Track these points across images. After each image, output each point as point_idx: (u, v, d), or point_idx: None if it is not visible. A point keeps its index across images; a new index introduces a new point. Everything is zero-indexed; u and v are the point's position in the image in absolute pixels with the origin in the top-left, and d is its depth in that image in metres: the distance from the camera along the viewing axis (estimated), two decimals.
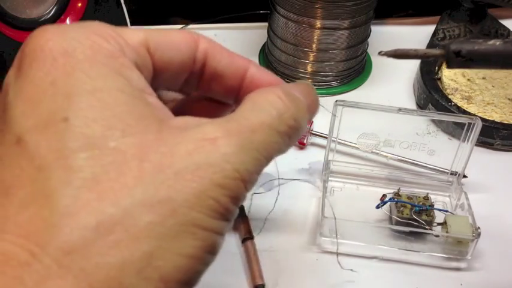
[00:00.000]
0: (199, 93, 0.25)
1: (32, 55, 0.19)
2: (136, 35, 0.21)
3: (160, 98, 0.21)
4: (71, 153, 0.17)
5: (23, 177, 0.17)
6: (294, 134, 0.22)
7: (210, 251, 0.19)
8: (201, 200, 0.18)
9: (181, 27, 0.59)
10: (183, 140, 0.18)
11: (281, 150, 0.22)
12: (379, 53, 0.29)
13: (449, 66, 0.26)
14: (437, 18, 0.55)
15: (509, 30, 0.55)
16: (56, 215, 0.16)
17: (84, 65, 0.18)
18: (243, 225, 0.36)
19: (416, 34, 0.58)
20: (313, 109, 0.24)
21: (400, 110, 0.37)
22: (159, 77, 0.23)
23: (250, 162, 0.19)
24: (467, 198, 0.36)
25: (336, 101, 0.37)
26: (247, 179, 0.19)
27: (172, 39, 0.23)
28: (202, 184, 0.18)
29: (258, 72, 0.25)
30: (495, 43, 0.25)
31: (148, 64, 0.22)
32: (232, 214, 0.19)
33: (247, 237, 0.35)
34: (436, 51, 0.27)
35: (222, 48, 0.25)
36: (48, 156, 0.17)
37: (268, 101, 0.21)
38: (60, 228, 0.16)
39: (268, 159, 0.21)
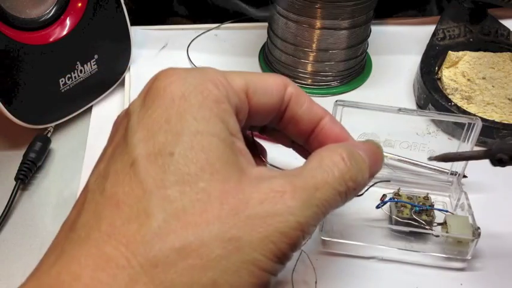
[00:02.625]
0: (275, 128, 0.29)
1: (155, 93, 0.22)
2: (239, 80, 0.25)
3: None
4: (170, 185, 0.20)
5: (131, 195, 0.20)
6: (352, 193, 0.25)
7: None
8: (264, 243, 0.20)
9: (181, 28, 0.59)
10: (257, 191, 0.21)
11: (338, 205, 0.24)
12: (429, 159, 0.35)
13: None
14: (437, 18, 0.56)
15: (509, 30, 0.55)
16: (150, 234, 0.19)
17: (194, 108, 0.22)
18: None
19: (416, 34, 0.58)
20: (375, 168, 0.27)
21: (400, 110, 0.37)
22: (251, 118, 0.26)
23: (311, 216, 0.22)
24: (467, 198, 0.36)
25: (336, 101, 0.37)
26: (306, 230, 0.22)
27: (267, 84, 0.26)
28: (268, 230, 0.21)
29: (330, 124, 0.28)
30: None
31: (245, 108, 0.25)
32: (287, 259, 0.22)
33: None
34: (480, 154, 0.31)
35: (304, 94, 0.28)
36: (152, 183, 0.20)
37: (332, 162, 0.24)
38: (152, 245, 0.19)
39: (325, 214, 0.23)
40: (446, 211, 0.36)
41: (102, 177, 0.22)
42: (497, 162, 0.29)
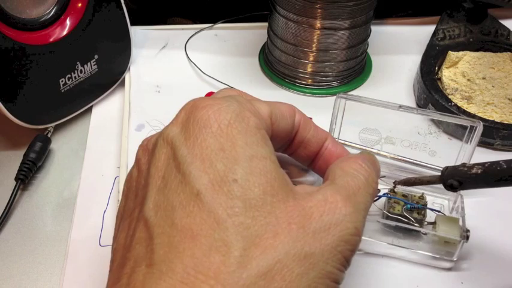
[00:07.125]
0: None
1: (200, 122, 0.23)
2: (265, 107, 0.26)
3: None
4: (240, 211, 0.21)
5: (204, 226, 0.21)
6: (375, 193, 0.26)
7: None
8: (333, 254, 0.22)
9: (181, 28, 0.59)
10: (314, 205, 0.22)
11: (370, 206, 0.26)
12: (394, 183, 0.36)
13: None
14: (437, 18, 0.56)
15: (509, 30, 0.55)
16: (234, 263, 0.20)
17: (242, 134, 0.23)
18: None
19: (416, 34, 0.58)
20: (379, 172, 0.29)
21: (400, 107, 0.37)
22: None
23: (361, 220, 0.23)
24: (462, 202, 0.36)
25: (338, 95, 0.37)
26: (361, 234, 0.23)
27: (282, 110, 0.28)
28: (334, 241, 0.22)
29: (333, 144, 0.30)
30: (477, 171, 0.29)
31: (270, 133, 0.26)
32: (349, 266, 0.23)
33: None
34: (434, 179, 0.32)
35: (310, 120, 0.30)
36: (223, 211, 0.21)
37: (354, 169, 0.26)
38: (239, 274, 0.20)
39: (366, 216, 0.25)
40: (438, 211, 0.36)
41: (164, 209, 0.22)
42: (449, 187, 0.30)
